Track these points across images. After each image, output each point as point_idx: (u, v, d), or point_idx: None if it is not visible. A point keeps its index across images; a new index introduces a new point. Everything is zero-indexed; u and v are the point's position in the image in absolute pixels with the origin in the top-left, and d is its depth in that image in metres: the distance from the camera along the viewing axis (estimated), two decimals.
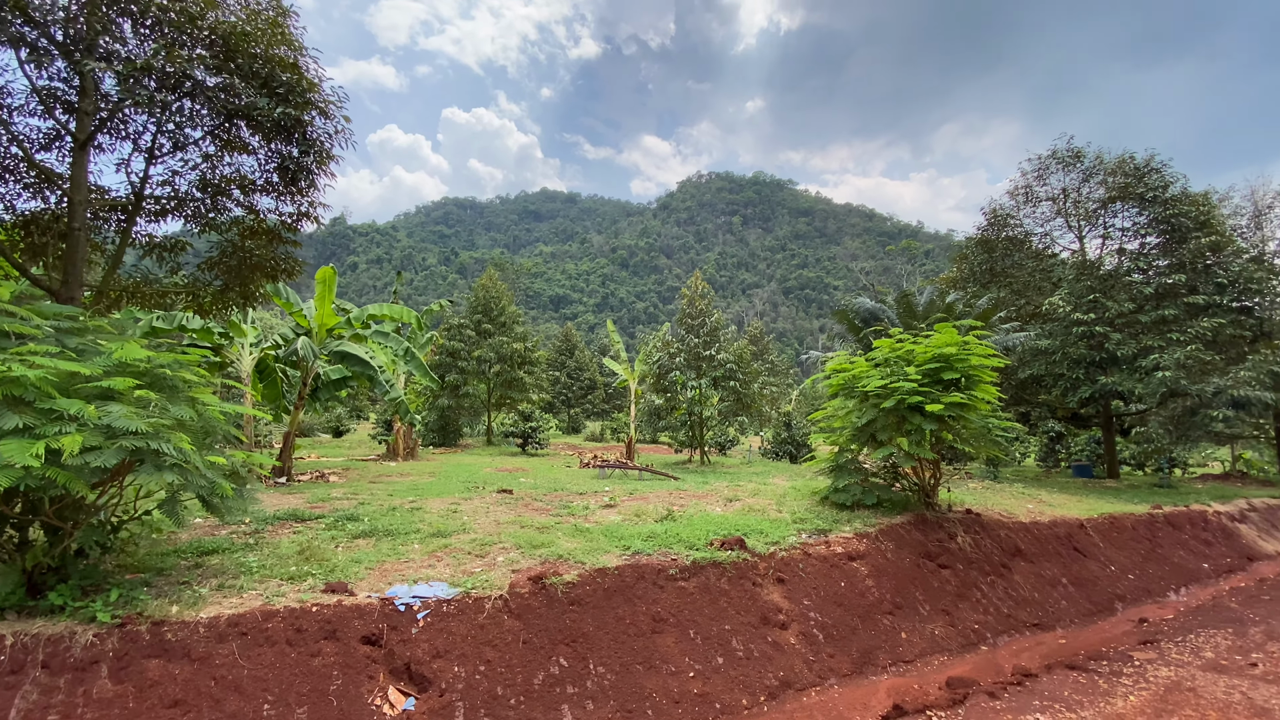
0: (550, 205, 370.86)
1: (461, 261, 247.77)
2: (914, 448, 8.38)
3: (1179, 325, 15.63)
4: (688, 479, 14.37)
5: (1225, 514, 13.16)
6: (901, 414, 8.64)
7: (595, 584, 6.00)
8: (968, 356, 8.68)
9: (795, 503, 9.89)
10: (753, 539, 7.54)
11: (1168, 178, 17.32)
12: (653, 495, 11.12)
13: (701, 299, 18.12)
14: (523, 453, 22.47)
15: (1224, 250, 16.75)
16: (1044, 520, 10.17)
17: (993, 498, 12.28)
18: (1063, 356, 16.60)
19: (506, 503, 9.83)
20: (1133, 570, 9.84)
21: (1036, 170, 20.03)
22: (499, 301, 27.38)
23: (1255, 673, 5.43)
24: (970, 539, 8.81)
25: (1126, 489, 16.61)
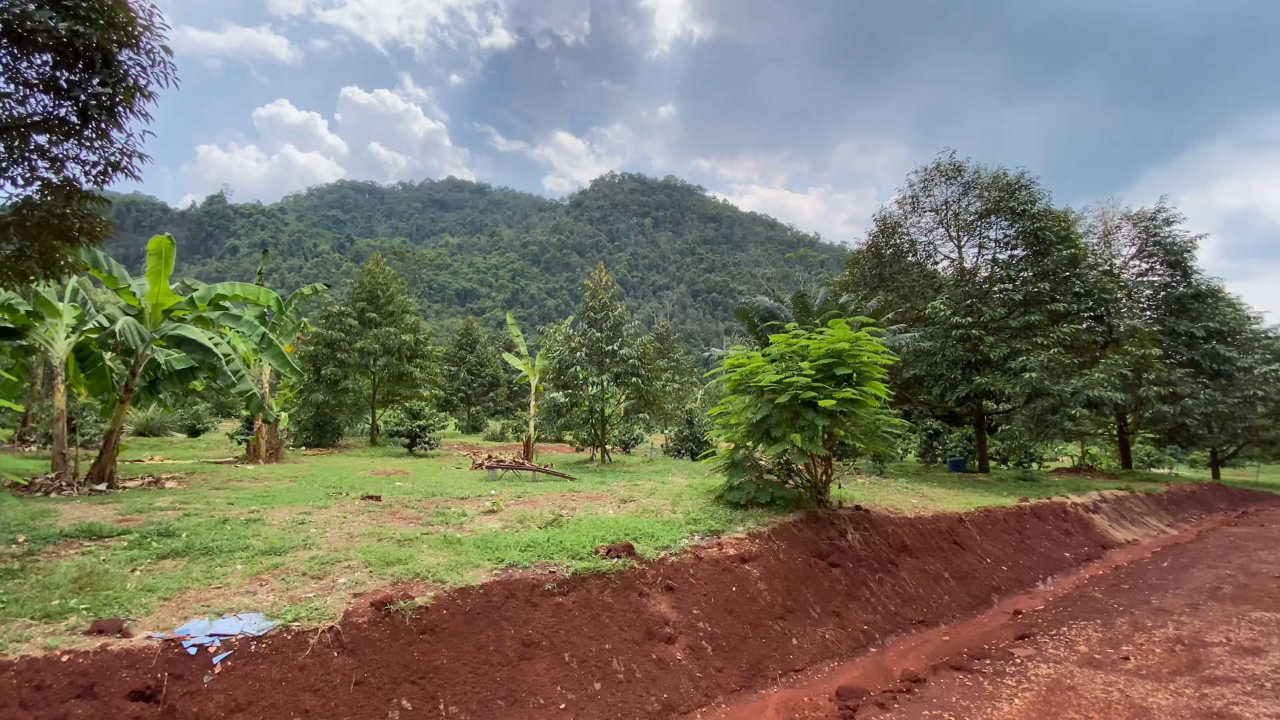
0: (458, 195, 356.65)
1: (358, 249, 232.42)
2: (807, 444, 8.16)
3: (1043, 330, 16.95)
4: (585, 479, 13.66)
5: (1081, 505, 14.27)
6: (796, 409, 8.41)
7: (455, 607, 5.14)
8: (859, 353, 8.59)
9: (691, 502, 9.45)
10: (642, 544, 6.95)
11: (1035, 194, 18.80)
12: (543, 498, 10.30)
13: (605, 291, 17.47)
14: (410, 453, 20.81)
15: (1081, 263, 18.39)
16: (927, 515, 10.39)
17: (880, 493, 12.53)
18: (942, 358, 17.56)
19: (370, 511, 8.65)
20: (1006, 561, 10.26)
21: (922, 181, 21.15)
22: (387, 288, 25.23)
23: (1129, 667, 5.50)
24: (860, 536, 8.74)
25: (996, 483, 17.79)
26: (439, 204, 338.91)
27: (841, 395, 8.10)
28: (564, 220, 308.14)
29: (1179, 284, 24.53)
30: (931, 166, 20.80)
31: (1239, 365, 22.44)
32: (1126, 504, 16.01)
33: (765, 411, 8.58)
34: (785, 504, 8.83)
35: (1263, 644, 6.06)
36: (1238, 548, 12.14)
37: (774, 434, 8.48)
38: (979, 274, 20.01)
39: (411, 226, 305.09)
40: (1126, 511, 15.53)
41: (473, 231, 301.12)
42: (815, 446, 8.20)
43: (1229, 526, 15.26)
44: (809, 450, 8.18)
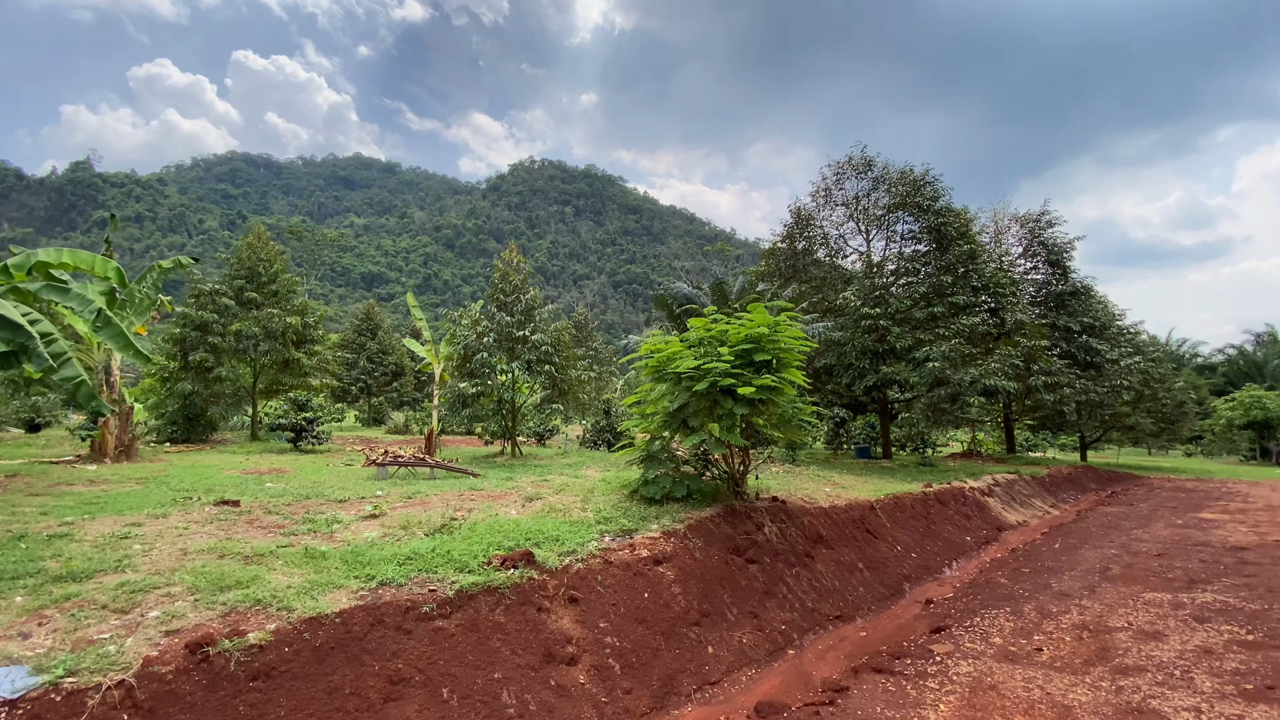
0: (365, 173, 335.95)
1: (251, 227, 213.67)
2: (725, 433, 7.67)
3: (945, 322, 17.63)
4: (491, 475, 12.65)
5: (978, 489, 14.89)
6: (714, 397, 7.90)
7: (302, 642, 4.15)
8: (779, 338, 8.20)
9: (603, 498, 8.77)
10: (545, 550, 6.17)
11: (938, 190, 19.52)
12: (437, 499, 9.26)
13: (517, 273, 16.36)
14: (295, 449, 18.81)
15: (978, 259, 19.32)
16: (841, 504, 10.27)
17: (794, 482, 12.40)
18: (852, 348, 17.92)
19: (221, 519, 7.31)
20: (915, 548, 10.33)
21: (835, 175, 21.50)
22: (270, 265, 22.63)
23: (1044, 659, 5.35)
24: (777, 529, 8.40)
25: (899, 468, 18.40)
26: (344, 182, 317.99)
27: (761, 382, 7.66)
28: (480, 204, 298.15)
29: (1058, 282, 26.58)
30: (843, 160, 21.18)
31: (1108, 357, 24.60)
32: (1016, 487, 16.96)
33: (683, 400, 8.01)
34: (702, 497, 8.33)
35: (1161, 627, 6.16)
36: (1115, 527, 13.01)
37: (691, 424, 7.93)
38: (886, 267, 20.62)
39: (313, 205, 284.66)
40: (1016, 494, 16.44)
41: (381, 212, 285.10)
42: (734, 436, 7.72)
43: (1103, 506, 16.51)
44: (727, 440, 7.69)
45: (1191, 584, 8.17)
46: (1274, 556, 9.63)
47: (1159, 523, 13.53)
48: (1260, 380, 50.35)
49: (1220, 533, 12.04)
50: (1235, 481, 23.16)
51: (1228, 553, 10.10)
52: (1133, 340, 29.26)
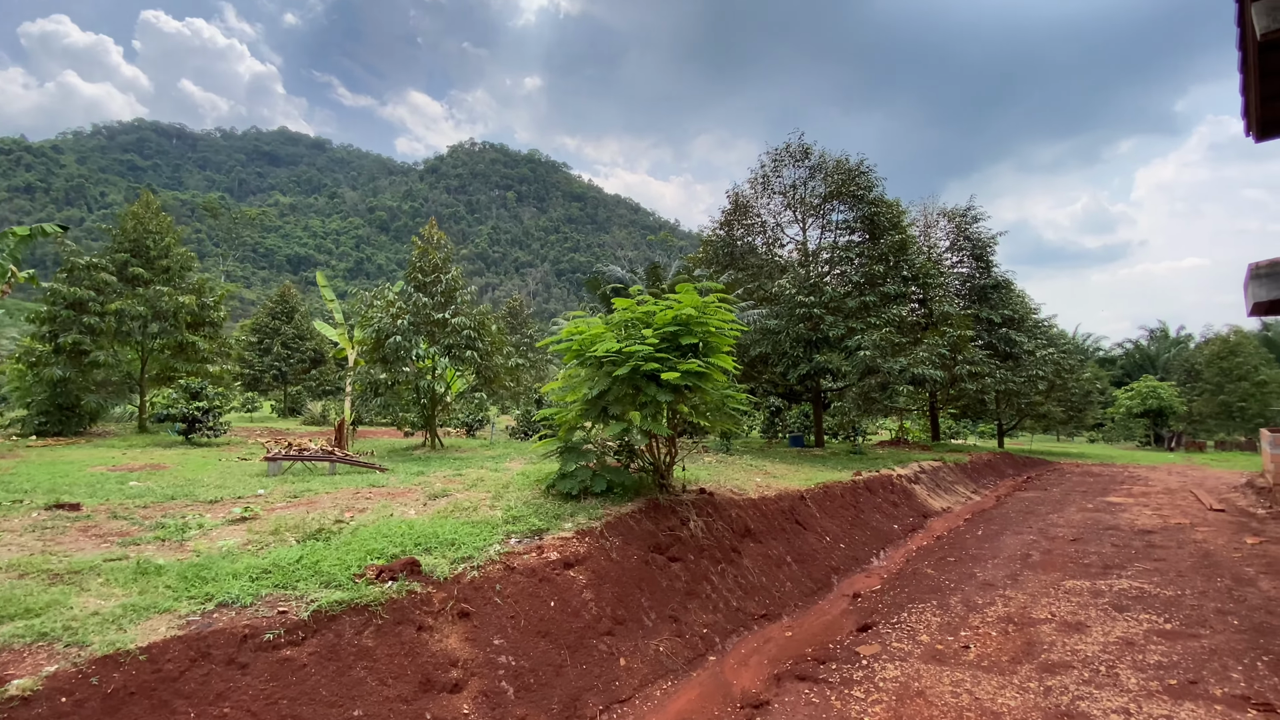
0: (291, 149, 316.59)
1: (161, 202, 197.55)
2: (648, 422, 7.09)
3: (876, 311, 17.76)
4: (401, 470, 11.65)
5: (905, 476, 15.02)
6: (637, 383, 7.30)
7: (87, 689, 3.27)
8: (707, 321, 7.67)
9: (518, 494, 8.04)
10: (436, 556, 5.42)
11: (872, 181, 19.63)
12: (328, 497, 8.27)
13: (437, 251, 15.20)
14: (188, 442, 17.04)
15: (909, 250, 19.59)
16: (771, 495, 9.93)
17: (726, 472, 12.03)
18: (786, 336, 17.80)
19: (47, 527, 6.13)
20: (844, 539, 10.13)
21: (773, 162, 21.30)
22: (160, 239, 20.33)
23: (971, 658, 5.05)
24: (703, 523, 7.92)
25: (830, 456, 18.49)
26: (268, 157, 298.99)
27: (688, 367, 7.11)
28: (418, 186, 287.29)
29: (981, 276, 27.56)
30: (781, 148, 21.00)
31: (1025, 349, 25.71)
32: (940, 473, 17.31)
33: (603, 386, 7.36)
34: (624, 492, 7.73)
35: (1083, 617, 6.04)
36: (1032, 512, 13.34)
37: (612, 412, 7.30)
38: (821, 256, 20.65)
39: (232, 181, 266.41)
40: (941, 481, 16.76)
41: (309, 191, 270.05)
42: (658, 425, 7.15)
43: (1020, 491, 17.08)
44: (651, 430, 7.11)
45: (1107, 569, 8.24)
46: (1178, 540, 9.97)
47: (1071, 507, 14.00)
48: (1153, 372, 54.64)
49: (1127, 516, 12.52)
50: (1135, 466, 24.72)
51: (1136, 536, 10.41)
52: (1047, 333, 30.82)
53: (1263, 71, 7.40)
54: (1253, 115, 7.94)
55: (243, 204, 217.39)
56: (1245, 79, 7.53)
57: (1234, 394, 37.54)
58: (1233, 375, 37.96)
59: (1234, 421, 38.30)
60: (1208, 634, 5.35)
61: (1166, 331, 62.44)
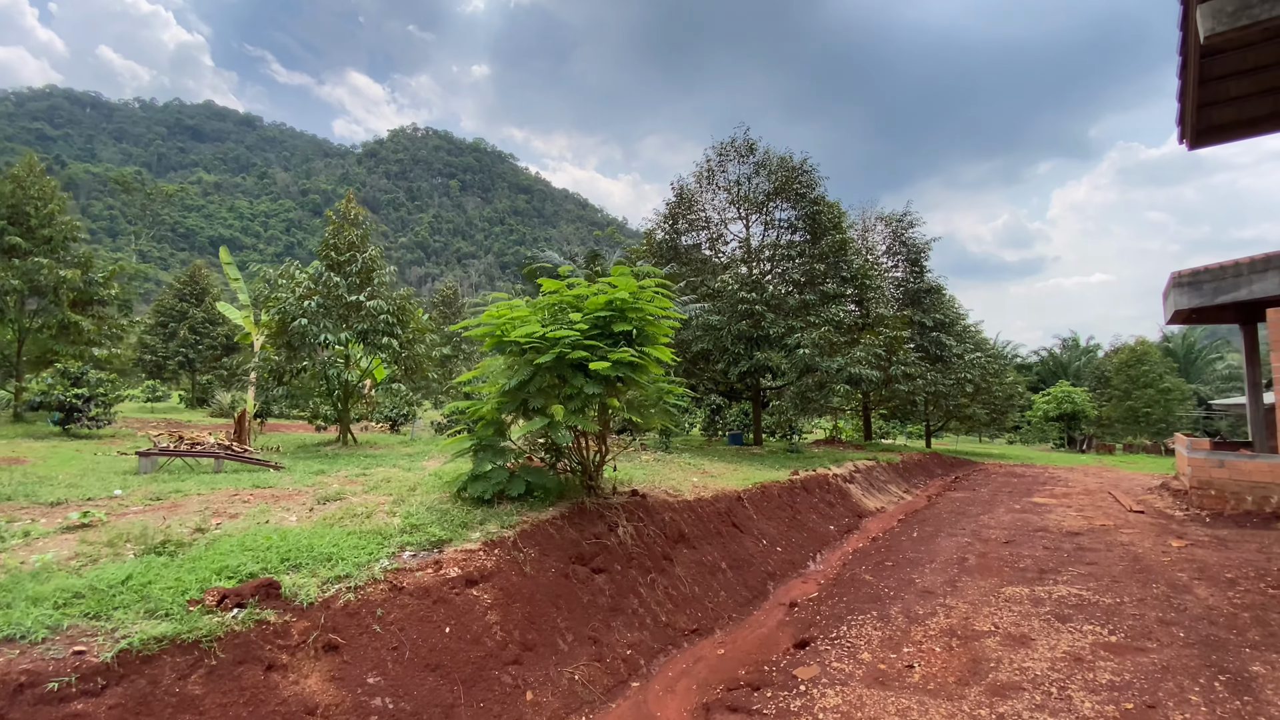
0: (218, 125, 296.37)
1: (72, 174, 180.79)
2: (573, 417, 6.34)
3: (816, 310, 17.63)
4: (300, 468, 10.43)
5: (840, 476, 14.88)
6: (562, 373, 6.54)
7: None
8: (643, 307, 7.00)
9: (425, 497, 7.13)
10: (304, 575, 4.51)
11: (815, 179, 19.54)
12: (198, 499, 7.10)
13: (354, 227, 13.87)
14: (64, 433, 15.04)
15: (848, 251, 19.61)
16: (707, 496, 9.38)
17: (663, 471, 11.45)
18: (728, 333, 17.43)
19: None
20: (781, 541, 9.70)
21: (718, 156, 20.92)
22: (42, 205, 17.91)
23: (916, 680, 4.59)
24: (633, 529, 7.25)
25: (769, 455, 18.27)
26: (191, 131, 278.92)
27: (618, 356, 6.41)
28: (355, 170, 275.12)
29: (915, 280, 28.20)
30: (726, 142, 20.63)
31: (955, 352, 26.44)
32: (874, 473, 17.36)
33: (524, 375, 6.57)
34: (546, 495, 6.96)
35: (1027, 629, 5.72)
36: (964, 513, 13.39)
37: (533, 405, 6.51)
38: (764, 253, 20.42)
39: (151, 155, 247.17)
40: (875, 480, 16.78)
41: (237, 170, 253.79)
42: (584, 420, 6.41)
43: (950, 491, 17.33)
44: (576, 426, 6.36)
45: (1043, 574, 8.10)
46: (1105, 542, 10.05)
47: (1000, 508, 14.19)
48: (1066, 378, 58.17)
49: (1054, 517, 12.71)
50: (1054, 467, 25.84)
51: (1065, 538, 10.46)
52: (974, 338, 31.95)
53: (1202, 77, 7.28)
54: (1188, 123, 7.87)
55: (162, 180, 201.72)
56: (1184, 84, 7.40)
57: (1140, 400, 40.21)
58: (1139, 382, 40.65)
59: (1140, 426, 41.03)
60: (1155, 648, 5.10)
61: (1077, 341, 66.60)
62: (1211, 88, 7.37)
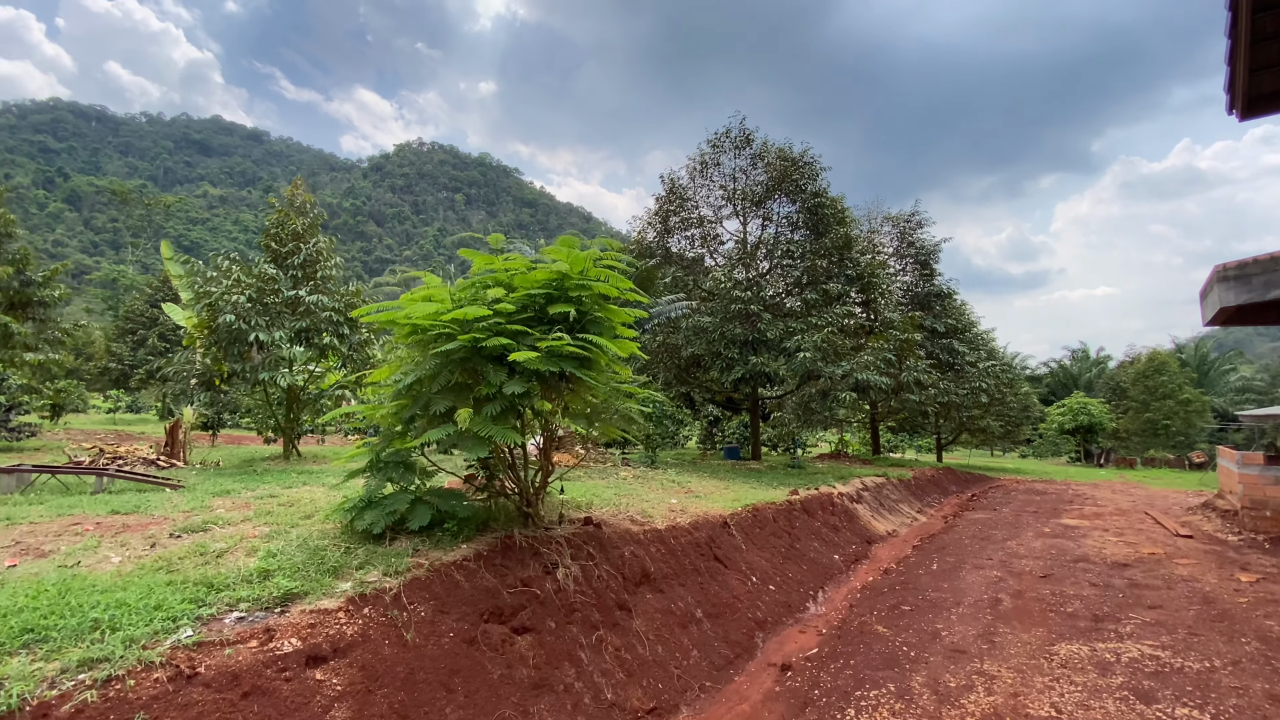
0: (224, 139, 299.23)
1: (75, 187, 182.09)
2: (488, 424, 4.77)
3: (818, 310, 16.08)
4: (208, 486, 8.86)
5: (846, 495, 13.23)
6: (476, 366, 5.00)
7: None
8: (591, 285, 5.47)
9: (314, 528, 5.58)
10: (36, 659, 2.96)
11: (816, 170, 18.05)
12: (20, 530, 5.56)
13: (300, 217, 12.42)
14: None
15: (853, 247, 18.08)
16: (685, 523, 7.78)
17: (639, 491, 9.86)
18: (721, 335, 15.87)
19: None
20: (775, 576, 8.06)
21: (713, 148, 19.48)
22: None
23: None
24: (579, 569, 5.66)
25: (768, 470, 16.65)
26: (198, 146, 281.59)
27: (550, 344, 4.87)
28: (360, 184, 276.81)
29: (925, 283, 26.62)
30: (721, 132, 19.20)
31: (968, 360, 24.80)
32: (884, 491, 15.70)
33: (424, 369, 5.03)
34: (461, 527, 5.38)
35: (1100, 715, 4.10)
36: (987, 537, 11.72)
37: (436, 408, 4.95)
38: (761, 250, 18.88)
39: (157, 169, 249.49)
40: (885, 499, 15.12)
41: (243, 184, 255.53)
42: (501, 430, 4.84)
43: (969, 511, 15.63)
44: (490, 435, 4.78)
45: (1099, 622, 6.46)
46: (1164, 578, 8.38)
47: (1028, 531, 12.51)
48: (1076, 390, 56.24)
49: (1091, 543, 11.03)
50: (1076, 483, 24.05)
51: (1113, 571, 8.80)
52: (987, 345, 30.29)
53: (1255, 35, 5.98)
54: (1238, 90, 6.51)
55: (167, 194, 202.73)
56: (1233, 45, 6.09)
57: (1159, 411, 38.33)
58: (1158, 394, 38.81)
59: (1159, 438, 39.11)
60: None
61: (1087, 352, 64.77)
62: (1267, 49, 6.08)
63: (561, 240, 5.73)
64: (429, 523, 5.14)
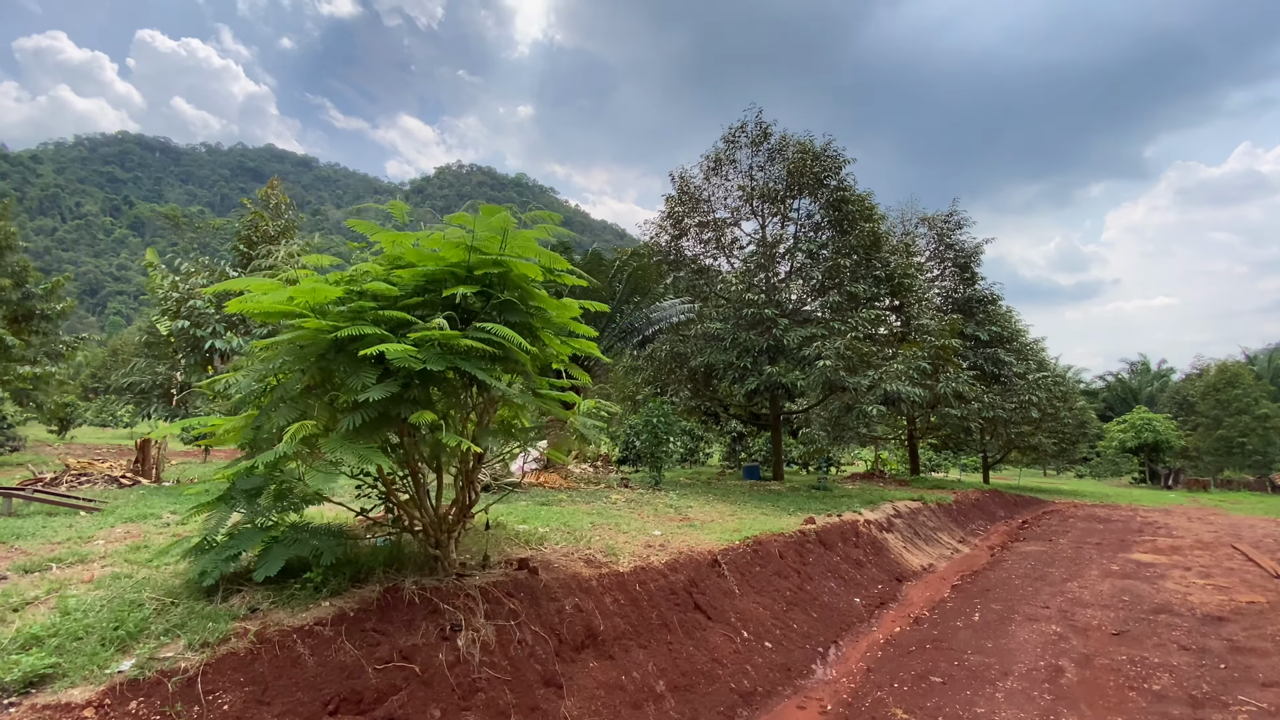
0: (277, 166, 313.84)
1: (139, 214, 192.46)
2: (340, 443, 3.54)
3: (842, 314, 14.50)
4: (127, 510, 7.88)
5: (875, 523, 11.57)
6: (334, 366, 3.80)
7: None
8: (509, 262, 4.24)
9: (174, 568, 4.45)
10: None
11: (839, 163, 16.54)
12: None
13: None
14: None
15: (882, 245, 16.44)
16: (659, 563, 6.38)
17: (621, 519, 8.53)
18: (734, 343, 14.40)
19: None
20: (773, 630, 6.58)
21: (728, 145, 18.19)
22: None
23: None
24: (496, 630, 4.35)
25: (788, 492, 15.06)
26: (252, 173, 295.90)
27: (424, 334, 3.64)
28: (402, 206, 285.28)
29: (966, 287, 24.58)
30: (736, 127, 17.89)
31: (1015, 371, 22.63)
32: (920, 518, 13.92)
33: (279, 363, 3.86)
34: (330, 576, 4.14)
35: None
36: (1042, 577, 9.92)
37: (278, 419, 3.74)
38: (779, 250, 17.37)
39: (214, 195, 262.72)
40: (920, 527, 13.34)
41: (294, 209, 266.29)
42: (364, 450, 3.60)
43: (1019, 542, 13.69)
44: (342, 459, 3.55)
45: (1199, 710, 4.82)
46: (1275, 639, 6.56)
47: (1092, 568, 10.63)
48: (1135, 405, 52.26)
49: (1172, 587, 9.15)
50: (1144, 508, 21.52)
51: (1206, 628, 7.01)
52: (1037, 356, 27.89)
53: None
54: None
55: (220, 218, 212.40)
56: None
57: (1233, 428, 34.81)
58: (1231, 408, 35.30)
59: (1234, 458, 35.51)
60: None
61: (1147, 365, 60.42)
62: None
63: (486, 210, 4.52)
64: (283, 570, 3.91)
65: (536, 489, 11.02)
